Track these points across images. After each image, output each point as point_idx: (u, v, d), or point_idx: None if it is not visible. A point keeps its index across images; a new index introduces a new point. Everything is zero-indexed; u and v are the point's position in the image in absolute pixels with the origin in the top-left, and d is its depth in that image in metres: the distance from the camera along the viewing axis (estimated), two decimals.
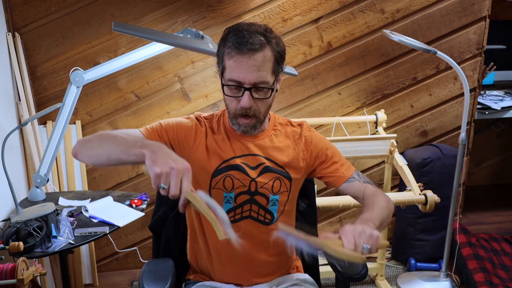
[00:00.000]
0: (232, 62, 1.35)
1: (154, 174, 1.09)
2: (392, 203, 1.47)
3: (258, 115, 1.41)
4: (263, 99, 1.39)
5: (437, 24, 2.73)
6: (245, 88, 1.35)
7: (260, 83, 1.36)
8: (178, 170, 1.09)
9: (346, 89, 2.77)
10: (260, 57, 1.34)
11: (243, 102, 1.36)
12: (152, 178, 1.10)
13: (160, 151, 1.13)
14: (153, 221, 1.71)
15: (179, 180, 1.09)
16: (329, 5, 2.63)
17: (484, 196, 3.84)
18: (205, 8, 2.55)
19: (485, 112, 3.02)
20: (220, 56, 1.39)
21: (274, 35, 1.39)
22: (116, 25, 1.85)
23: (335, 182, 1.55)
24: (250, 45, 1.32)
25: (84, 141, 1.34)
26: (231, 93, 1.38)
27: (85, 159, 1.33)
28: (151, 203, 2.00)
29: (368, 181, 1.55)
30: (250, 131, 1.45)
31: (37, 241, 1.73)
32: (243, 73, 1.34)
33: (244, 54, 1.32)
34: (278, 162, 1.50)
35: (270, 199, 1.49)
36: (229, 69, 1.36)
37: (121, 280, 2.79)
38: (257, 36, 1.34)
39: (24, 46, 2.43)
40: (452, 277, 2.72)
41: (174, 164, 1.10)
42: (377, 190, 1.50)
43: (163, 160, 1.10)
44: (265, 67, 1.35)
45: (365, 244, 1.16)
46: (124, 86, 2.60)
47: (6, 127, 2.19)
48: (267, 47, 1.35)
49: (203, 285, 1.54)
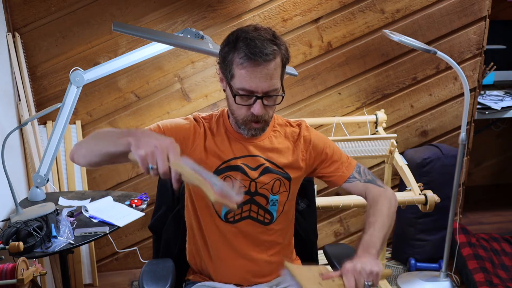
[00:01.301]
0: (244, 71, 1.33)
1: (139, 157, 1.09)
2: (395, 200, 1.48)
3: (267, 119, 1.44)
4: (273, 105, 1.41)
5: (437, 24, 2.73)
6: (257, 97, 1.35)
7: (272, 91, 1.36)
8: (162, 147, 1.09)
9: (346, 89, 2.77)
10: (272, 65, 1.34)
11: (256, 110, 1.36)
12: (139, 162, 1.09)
13: (143, 135, 1.13)
14: (153, 221, 1.71)
15: (165, 156, 1.08)
16: (329, 5, 2.63)
17: (484, 196, 3.84)
18: (205, 8, 2.55)
19: (485, 112, 3.01)
20: (228, 62, 1.36)
21: (282, 40, 1.38)
22: (116, 25, 1.85)
23: (336, 181, 1.55)
24: (265, 56, 1.31)
25: (80, 143, 1.35)
26: (242, 102, 1.38)
27: (80, 160, 1.32)
28: (151, 203, 2.00)
29: (369, 179, 1.54)
30: (259, 134, 1.47)
31: (37, 241, 1.73)
32: (256, 83, 1.33)
33: (258, 65, 1.31)
34: (277, 164, 1.50)
35: (270, 199, 1.50)
36: (240, 78, 1.34)
37: (121, 280, 2.79)
38: (269, 46, 1.32)
39: (24, 46, 2.43)
40: (452, 277, 2.72)
41: (156, 142, 1.09)
42: (379, 191, 1.49)
43: (146, 142, 1.10)
44: (276, 74, 1.36)
45: (366, 282, 1.19)
46: (124, 86, 2.60)
47: (6, 127, 2.19)
48: (278, 55, 1.35)
49: (203, 285, 1.54)
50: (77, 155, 1.33)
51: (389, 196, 1.48)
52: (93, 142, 1.30)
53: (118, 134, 1.21)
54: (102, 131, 1.32)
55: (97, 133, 1.32)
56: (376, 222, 1.38)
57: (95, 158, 1.27)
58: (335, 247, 1.72)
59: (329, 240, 2.99)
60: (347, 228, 3.00)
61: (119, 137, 1.18)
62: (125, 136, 1.16)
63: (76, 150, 1.33)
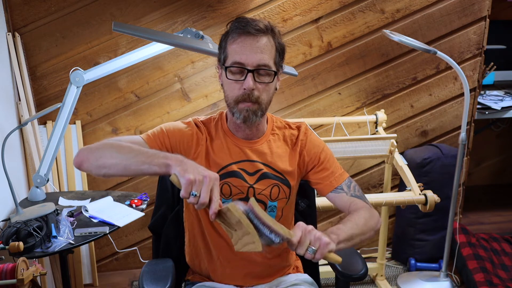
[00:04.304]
0: (235, 45, 1.37)
1: (187, 180, 1.11)
2: (378, 220, 1.42)
3: (259, 101, 1.39)
4: (266, 83, 1.38)
5: (437, 24, 2.73)
6: (248, 70, 1.36)
7: (263, 65, 1.36)
8: (210, 178, 1.13)
9: (346, 89, 2.77)
10: (264, 40, 1.37)
11: (246, 83, 1.36)
12: (184, 185, 1.11)
13: (187, 161, 1.16)
14: (153, 221, 1.71)
15: (210, 188, 1.12)
16: (329, 5, 2.63)
17: (484, 196, 3.84)
18: (205, 8, 2.55)
19: (485, 112, 3.02)
20: (223, 47, 1.41)
21: (277, 28, 1.42)
22: (116, 25, 1.85)
23: (322, 189, 1.53)
24: (255, 26, 1.35)
25: (91, 150, 1.29)
26: (234, 77, 1.38)
27: (94, 170, 1.27)
28: (151, 203, 2.00)
29: (358, 195, 1.49)
30: (251, 117, 1.40)
31: (37, 241, 1.73)
32: (246, 54, 1.35)
33: (248, 35, 1.35)
34: (276, 169, 1.49)
35: (268, 205, 1.49)
36: (232, 53, 1.37)
37: (121, 280, 2.79)
38: (262, 23, 1.38)
39: (24, 46, 2.43)
40: (452, 277, 2.72)
41: (206, 173, 1.13)
42: (363, 205, 1.45)
43: (193, 169, 1.13)
44: (267, 51, 1.37)
45: (310, 246, 1.17)
46: (124, 86, 2.60)
47: (6, 127, 2.19)
48: (270, 35, 1.38)
49: (203, 285, 1.54)
50: (88, 164, 1.27)
51: (373, 212, 1.43)
52: (114, 154, 1.25)
53: (151, 153, 1.22)
54: (120, 144, 1.29)
55: (114, 144, 1.29)
56: (349, 221, 1.35)
57: (117, 171, 1.25)
58: None
59: None
60: None
61: (154, 156, 1.20)
62: (162, 158, 1.18)
63: (87, 158, 1.28)
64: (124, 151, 1.26)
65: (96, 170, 1.27)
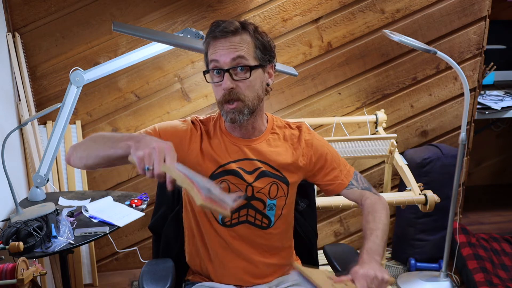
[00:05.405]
0: (211, 49, 1.39)
1: (137, 158, 1.12)
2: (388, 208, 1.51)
3: (243, 98, 1.38)
4: (244, 80, 1.37)
5: (437, 24, 2.73)
6: (224, 70, 1.36)
7: (237, 63, 1.36)
8: (159, 149, 1.11)
9: (346, 89, 2.77)
10: (237, 39, 1.37)
11: (224, 83, 1.36)
12: (137, 162, 1.12)
13: (143, 138, 1.16)
14: (153, 221, 1.71)
15: (161, 158, 1.11)
16: (329, 5, 2.63)
17: (484, 196, 3.84)
18: (205, 8, 2.55)
19: (485, 112, 3.02)
20: (205, 54, 1.43)
21: (253, 25, 1.41)
22: (116, 25, 1.85)
23: (335, 189, 1.56)
24: (224, 28, 1.36)
25: (76, 145, 1.36)
26: (215, 80, 1.40)
27: (77, 162, 1.34)
28: (151, 203, 2.00)
29: (366, 186, 1.57)
30: (238, 118, 1.39)
31: (37, 241, 1.73)
32: (219, 54, 1.36)
33: (219, 38, 1.36)
34: (274, 166, 1.49)
35: (267, 204, 1.49)
36: (210, 57, 1.39)
37: (121, 280, 2.79)
38: (233, 23, 1.38)
39: (24, 46, 2.43)
40: (452, 277, 2.72)
41: (154, 144, 1.12)
42: (375, 198, 1.53)
43: (145, 144, 1.13)
44: (243, 48, 1.36)
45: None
46: (124, 86, 2.60)
47: (6, 127, 2.19)
48: (245, 32, 1.38)
49: (202, 285, 1.53)
50: (73, 158, 1.34)
51: (385, 204, 1.52)
52: (90, 145, 1.31)
53: (118, 137, 1.23)
54: (99, 135, 1.33)
55: (94, 136, 1.33)
56: (378, 230, 1.41)
57: (92, 160, 1.29)
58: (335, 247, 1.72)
59: (329, 240, 3.00)
60: (347, 228, 3.00)
61: (119, 140, 1.21)
62: (125, 140, 1.19)
63: (72, 153, 1.35)
64: (98, 140, 1.30)
65: (78, 162, 1.34)
